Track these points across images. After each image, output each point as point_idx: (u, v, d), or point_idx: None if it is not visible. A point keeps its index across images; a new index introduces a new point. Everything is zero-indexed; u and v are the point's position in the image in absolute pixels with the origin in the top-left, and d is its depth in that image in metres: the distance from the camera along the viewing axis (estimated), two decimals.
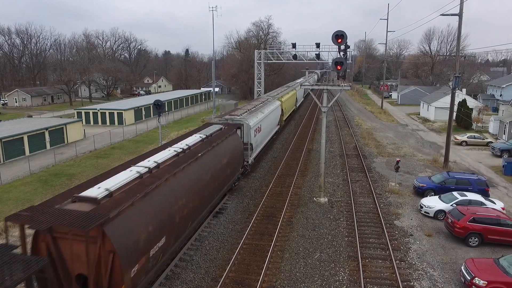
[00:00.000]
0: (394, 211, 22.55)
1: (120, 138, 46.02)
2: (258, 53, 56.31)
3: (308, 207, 23.02)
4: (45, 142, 40.38)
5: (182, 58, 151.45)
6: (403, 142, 42.50)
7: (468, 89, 69.66)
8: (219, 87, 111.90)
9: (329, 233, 19.66)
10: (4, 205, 24.57)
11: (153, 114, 62.16)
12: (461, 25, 29.41)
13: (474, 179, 24.46)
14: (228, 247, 18.09)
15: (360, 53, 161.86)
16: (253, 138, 27.75)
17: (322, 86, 24.17)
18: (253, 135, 27.76)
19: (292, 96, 53.94)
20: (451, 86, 31.50)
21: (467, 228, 18.38)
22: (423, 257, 17.43)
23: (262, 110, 32.76)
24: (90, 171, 31.80)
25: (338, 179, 28.55)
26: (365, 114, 65.19)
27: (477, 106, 56.18)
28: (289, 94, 51.89)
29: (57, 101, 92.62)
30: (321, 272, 16.16)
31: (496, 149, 36.61)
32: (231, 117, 27.25)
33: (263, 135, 32.12)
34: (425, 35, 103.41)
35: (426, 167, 32.01)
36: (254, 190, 25.86)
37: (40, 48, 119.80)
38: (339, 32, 21.80)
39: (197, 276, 15.69)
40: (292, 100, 54.24)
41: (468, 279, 14.68)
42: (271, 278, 15.63)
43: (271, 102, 38.75)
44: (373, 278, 15.62)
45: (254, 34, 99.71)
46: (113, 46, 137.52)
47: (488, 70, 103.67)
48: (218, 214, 21.57)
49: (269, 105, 36.26)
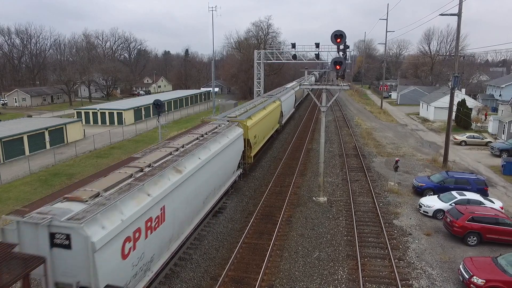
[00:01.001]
0: (393, 210, 22.60)
1: (120, 138, 46.06)
2: (258, 53, 56.34)
3: (307, 206, 23.07)
4: (45, 142, 40.42)
5: (182, 58, 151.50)
6: (403, 142, 42.55)
7: (468, 89, 69.70)
8: (219, 87, 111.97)
9: (328, 232, 19.71)
10: (4, 205, 24.62)
11: (152, 114, 62.21)
12: (460, 25, 29.46)
13: (473, 179, 24.52)
14: (228, 246, 18.15)
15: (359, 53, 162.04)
16: None
17: (321, 85, 24.26)
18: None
19: (270, 115, 34.38)
20: (450, 86, 31.55)
21: (466, 227, 18.43)
22: (421, 256, 17.48)
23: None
24: (90, 170, 31.83)
25: (337, 178, 28.61)
26: (365, 114, 65.24)
27: (476, 106, 56.24)
28: (266, 110, 32.76)
29: (57, 101, 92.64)
30: (320, 271, 16.21)
31: (495, 148, 36.67)
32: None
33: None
34: (424, 35, 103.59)
35: (425, 166, 32.07)
36: (254, 190, 25.91)
37: (40, 48, 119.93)
38: (338, 32, 21.87)
39: (196, 275, 15.74)
40: (269, 123, 34.09)
41: (466, 278, 14.73)
42: (270, 277, 15.68)
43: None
44: (372, 277, 15.68)
45: (254, 34, 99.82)
46: (112, 46, 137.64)
47: (487, 70, 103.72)
48: (218, 213, 21.61)
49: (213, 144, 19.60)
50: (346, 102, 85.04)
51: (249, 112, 29.61)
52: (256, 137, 28.07)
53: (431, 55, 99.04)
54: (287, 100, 46.94)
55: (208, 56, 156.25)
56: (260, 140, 30.16)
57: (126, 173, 13.24)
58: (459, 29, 29.83)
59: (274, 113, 36.47)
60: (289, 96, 49.94)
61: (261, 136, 30.47)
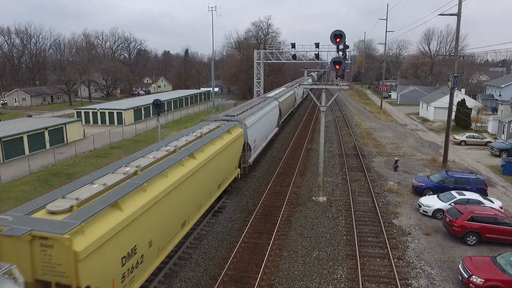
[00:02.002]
0: (392, 210, 22.61)
1: (120, 138, 46.07)
2: (258, 53, 56.35)
3: (307, 206, 23.09)
4: (45, 142, 40.42)
5: (181, 58, 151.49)
6: (402, 141, 42.57)
7: (467, 89, 69.73)
8: (219, 87, 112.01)
9: (328, 232, 19.72)
10: (4, 204, 24.63)
11: (152, 114, 62.22)
12: (459, 25, 29.48)
13: (472, 179, 24.53)
14: (227, 246, 18.16)
15: (359, 53, 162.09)
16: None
17: (320, 85, 24.28)
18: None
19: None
20: (450, 86, 31.57)
21: (465, 226, 18.45)
22: (421, 255, 17.50)
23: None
24: (89, 170, 31.82)
25: (337, 178, 28.62)
26: (365, 114, 65.26)
27: (476, 106, 56.27)
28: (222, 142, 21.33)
29: (57, 101, 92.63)
30: (319, 270, 16.22)
31: (495, 148, 36.69)
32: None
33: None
34: (424, 35, 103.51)
35: (425, 166, 32.08)
36: (253, 189, 25.93)
37: (39, 48, 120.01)
38: (338, 32, 21.88)
39: (196, 274, 15.75)
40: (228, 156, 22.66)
41: (465, 277, 14.75)
42: (270, 276, 15.69)
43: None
44: (371, 276, 15.69)
45: (254, 34, 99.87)
46: (112, 46, 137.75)
47: (487, 70, 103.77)
48: (217, 213, 21.62)
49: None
50: (346, 102, 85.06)
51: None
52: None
53: (431, 55, 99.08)
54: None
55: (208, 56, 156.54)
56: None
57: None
58: (459, 29, 29.85)
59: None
60: (272, 110, 38.00)
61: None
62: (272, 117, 36.48)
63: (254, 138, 28.10)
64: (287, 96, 50.41)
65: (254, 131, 27.89)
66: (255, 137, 28.45)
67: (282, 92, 51.64)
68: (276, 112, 39.40)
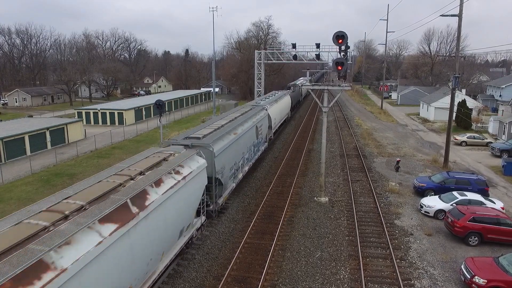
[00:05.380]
0: (394, 210, 22.68)
1: (121, 138, 46.12)
2: (258, 53, 56.40)
3: (309, 206, 23.15)
4: (46, 142, 40.46)
5: (182, 58, 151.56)
6: (403, 142, 42.63)
7: (468, 90, 69.82)
8: (219, 87, 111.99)
9: (330, 232, 19.78)
10: (6, 205, 24.68)
11: (153, 114, 62.26)
12: (460, 26, 29.55)
13: (473, 179, 24.59)
14: (230, 246, 18.21)
15: (359, 53, 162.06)
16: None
17: (322, 86, 24.32)
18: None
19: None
20: (451, 86, 31.63)
21: (467, 227, 18.50)
22: (423, 256, 17.56)
23: None
24: (91, 170, 31.88)
25: (338, 179, 28.68)
26: (365, 115, 65.33)
27: (476, 106, 56.34)
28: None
29: (57, 101, 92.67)
30: (322, 270, 16.28)
31: (496, 149, 36.75)
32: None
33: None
34: (424, 36, 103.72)
35: (426, 167, 32.14)
36: (255, 190, 25.98)
37: (40, 48, 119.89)
38: (340, 33, 21.92)
39: (199, 275, 15.80)
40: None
41: (468, 278, 14.81)
42: (273, 276, 15.75)
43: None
44: (374, 277, 15.75)
45: (254, 35, 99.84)
46: (113, 46, 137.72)
47: (487, 70, 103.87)
48: (220, 214, 21.67)
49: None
50: (347, 103, 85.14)
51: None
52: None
53: (431, 55, 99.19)
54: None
55: (208, 56, 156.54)
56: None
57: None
58: (460, 30, 29.91)
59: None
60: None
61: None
62: (252, 135, 27.37)
63: (224, 169, 20.75)
64: (281, 102, 43.08)
65: (224, 159, 20.53)
66: (227, 167, 21.09)
67: (276, 97, 43.97)
68: (265, 122, 32.29)
